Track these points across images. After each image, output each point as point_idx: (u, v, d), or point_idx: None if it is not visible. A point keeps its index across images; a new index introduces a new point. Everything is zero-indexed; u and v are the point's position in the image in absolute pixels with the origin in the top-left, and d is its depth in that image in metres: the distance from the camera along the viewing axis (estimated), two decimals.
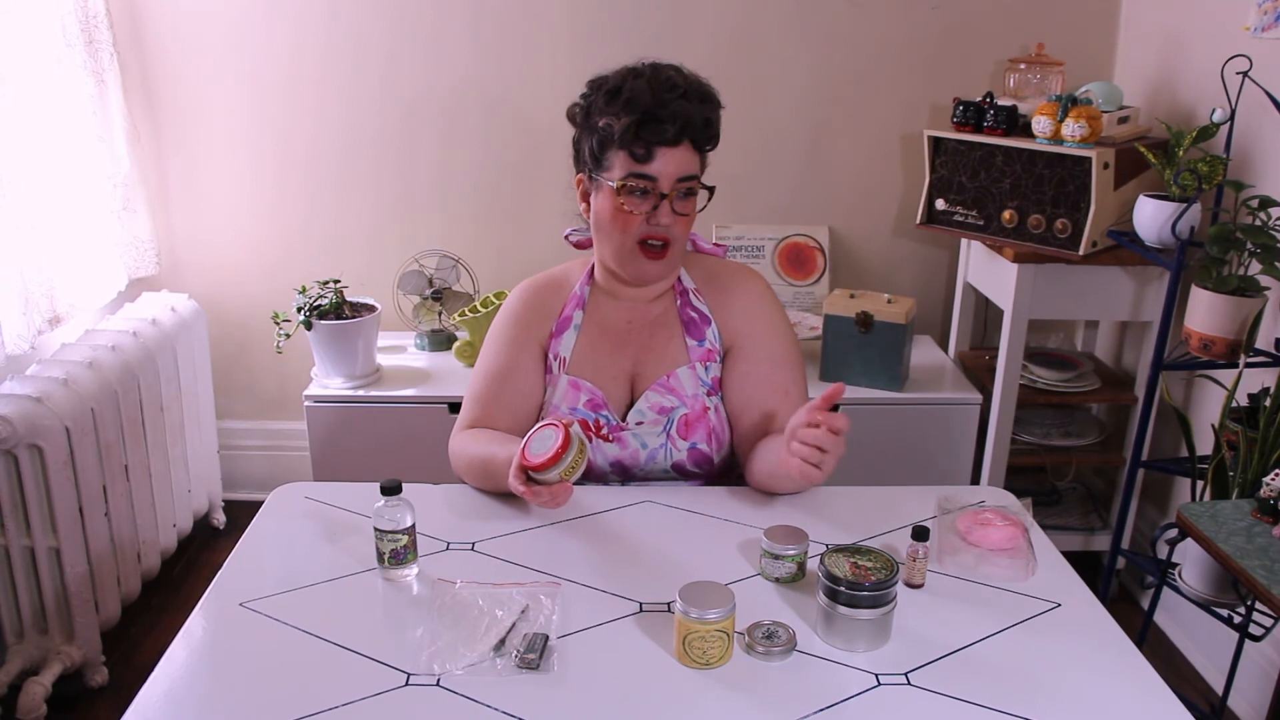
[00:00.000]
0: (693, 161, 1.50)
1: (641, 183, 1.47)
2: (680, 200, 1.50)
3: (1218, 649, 2.21)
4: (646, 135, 1.45)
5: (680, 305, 1.62)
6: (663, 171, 1.47)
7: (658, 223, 1.49)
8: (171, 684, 1.13)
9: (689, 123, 1.46)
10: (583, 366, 1.60)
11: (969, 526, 1.40)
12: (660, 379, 1.58)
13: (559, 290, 1.65)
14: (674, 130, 1.45)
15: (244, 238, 2.83)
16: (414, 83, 2.71)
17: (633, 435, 1.57)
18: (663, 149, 1.46)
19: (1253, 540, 1.48)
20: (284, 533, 1.45)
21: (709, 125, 1.51)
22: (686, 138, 1.48)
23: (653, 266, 1.53)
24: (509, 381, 1.60)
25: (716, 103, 1.53)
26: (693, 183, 1.50)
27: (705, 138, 1.51)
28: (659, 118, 1.45)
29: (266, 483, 2.58)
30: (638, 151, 1.46)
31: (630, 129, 1.45)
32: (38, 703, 1.99)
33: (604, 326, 1.62)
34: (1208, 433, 2.07)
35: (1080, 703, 1.11)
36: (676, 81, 1.49)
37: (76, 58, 2.34)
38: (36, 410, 1.94)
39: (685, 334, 1.60)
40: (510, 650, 1.16)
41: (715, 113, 1.52)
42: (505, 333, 1.63)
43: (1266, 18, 2.06)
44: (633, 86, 1.47)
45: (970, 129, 2.39)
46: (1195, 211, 2.05)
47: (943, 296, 2.92)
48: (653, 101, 1.45)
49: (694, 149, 1.50)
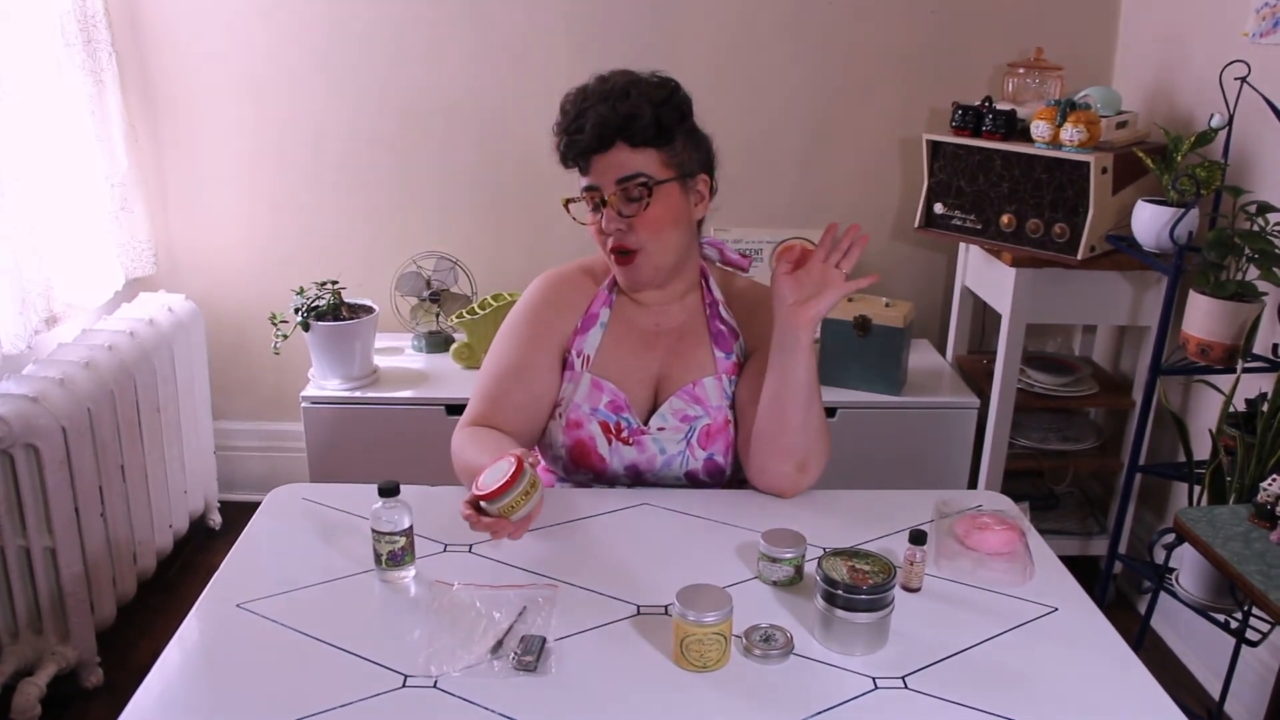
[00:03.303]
0: (634, 160, 1.45)
1: (591, 194, 1.49)
2: (625, 203, 1.47)
3: (1215, 654, 2.21)
4: (573, 148, 1.47)
5: (709, 316, 1.61)
6: (601, 178, 1.47)
7: (605, 231, 1.49)
8: (167, 685, 1.13)
9: (603, 123, 1.44)
10: (607, 367, 1.58)
11: (966, 530, 1.40)
12: (686, 386, 1.57)
13: (582, 285, 1.62)
14: (590, 135, 1.44)
15: (242, 238, 2.83)
16: (412, 83, 2.71)
17: (653, 440, 1.57)
18: (596, 157, 1.46)
19: (1250, 545, 1.48)
20: (281, 534, 1.44)
21: (631, 120, 1.44)
22: (615, 138, 1.45)
23: (625, 273, 1.53)
24: (520, 380, 1.57)
25: (649, 96, 1.46)
26: (633, 182, 1.46)
27: (635, 133, 1.44)
28: (580, 128, 1.46)
29: (263, 484, 2.57)
30: (581, 165, 1.49)
31: (560, 148, 1.49)
32: (32, 703, 1.99)
33: (630, 327, 1.60)
34: (1205, 438, 2.07)
35: (1077, 707, 1.11)
36: (599, 88, 1.47)
37: (75, 58, 2.34)
38: (33, 410, 1.93)
39: (713, 345, 1.59)
40: (507, 652, 1.16)
41: (640, 105, 1.44)
42: (521, 329, 1.59)
43: (1265, 24, 2.07)
44: (572, 103, 1.49)
45: (969, 133, 2.39)
46: (1193, 217, 2.06)
47: (941, 300, 2.92)
48: (575, 114, 1.47)
49: (633, 147, 1.45)
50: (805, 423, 1.47)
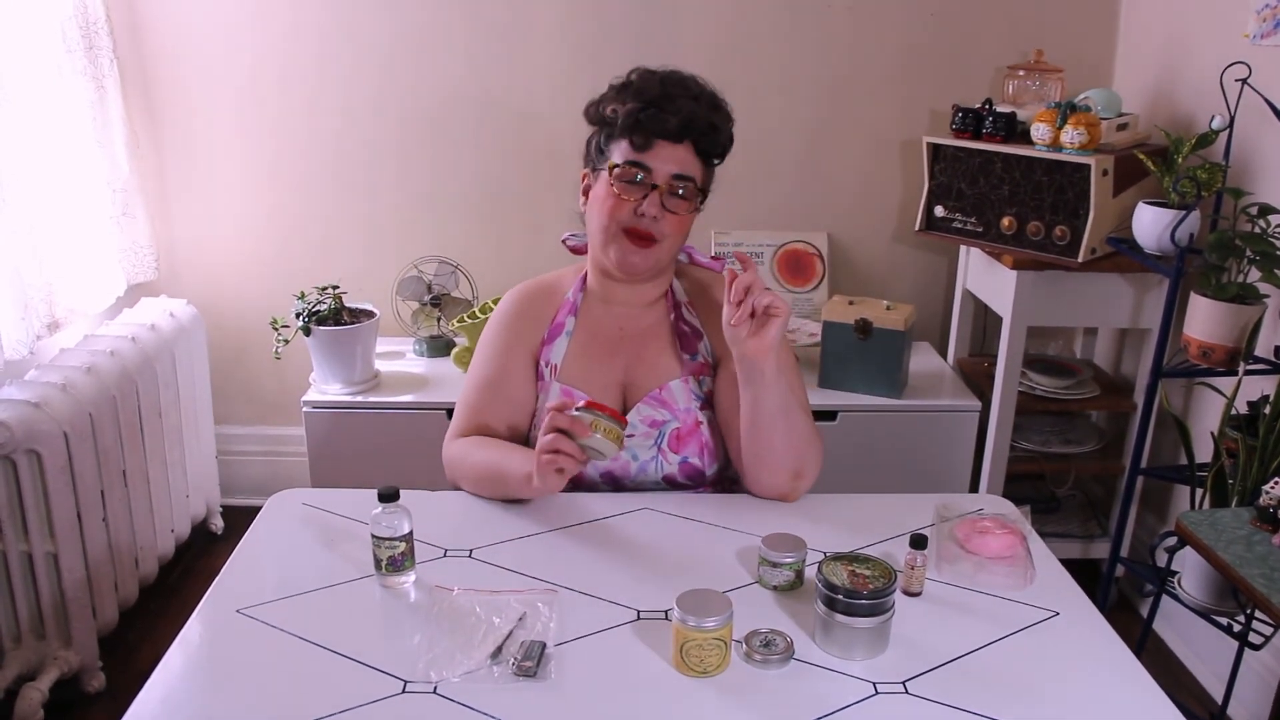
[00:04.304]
0: (693, 164, 1.50)
1: (636, 170, 1.48)
2: (672, 198, 1.49)
3: (1217, 657, 2.21)
4: (647, 122, 1.46)
5: (674, 318, 1.61)
6: (659, 164, 1.47)
7: (644, 213, 1.48)
8: (168, 690, 1.13)
9: (692, 120, 1.47)
10: (574, 374, 1.59)
11: (967, 534, 1.39)
12: (652, 391, 1.57)
13: (551, 296, 1.64)
14: (675, 123, 1.46)
15: (243, 243, 2.83)
16: (413, 88, 2.71)
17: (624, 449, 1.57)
18: (662, 142, 1.47)
19: (1252, 549, 1.48)
20: (282, 539, 1.44)
21: (714, 130, 1.50)
22: (689, 137, 1.48)
23: (634, 255, 1.51)
24: (500, 389, 1.59)
25: (726, 115, 1.53)
26: (688, 184, 1.49)
27: (709, 143, 1.50)
28: (662, 108, 1.46)
29: (264, 488, 2.58)
30: (637, 140, 1.47)
31: (632, 115, 1.47)
32: (34, 708, 1.99)
33: (596, 334, 1.61)
34: (1207, 440, 2.07)
35: (1079, 711, 1.11)
36: (689, 84, 1.50)
37: (76, 63, 2.34)
38: (35, 415, 1.93)
39: (678, 347, 1.60)
40: (507, 658, 1.16)
41: (724, 122, 1.52)
42: (496, 340, 1.62)
43: (1265, 25, 2.07)
44: (644, 78, 1.50)
45: (969, 135, 2.39)
46: (1194, 219, 2.05)
47: (942, 303, 2.92)
48: (660, 93, 1.47)
49: (696, 153, 1.50)
50: (789, 441, 1.49)
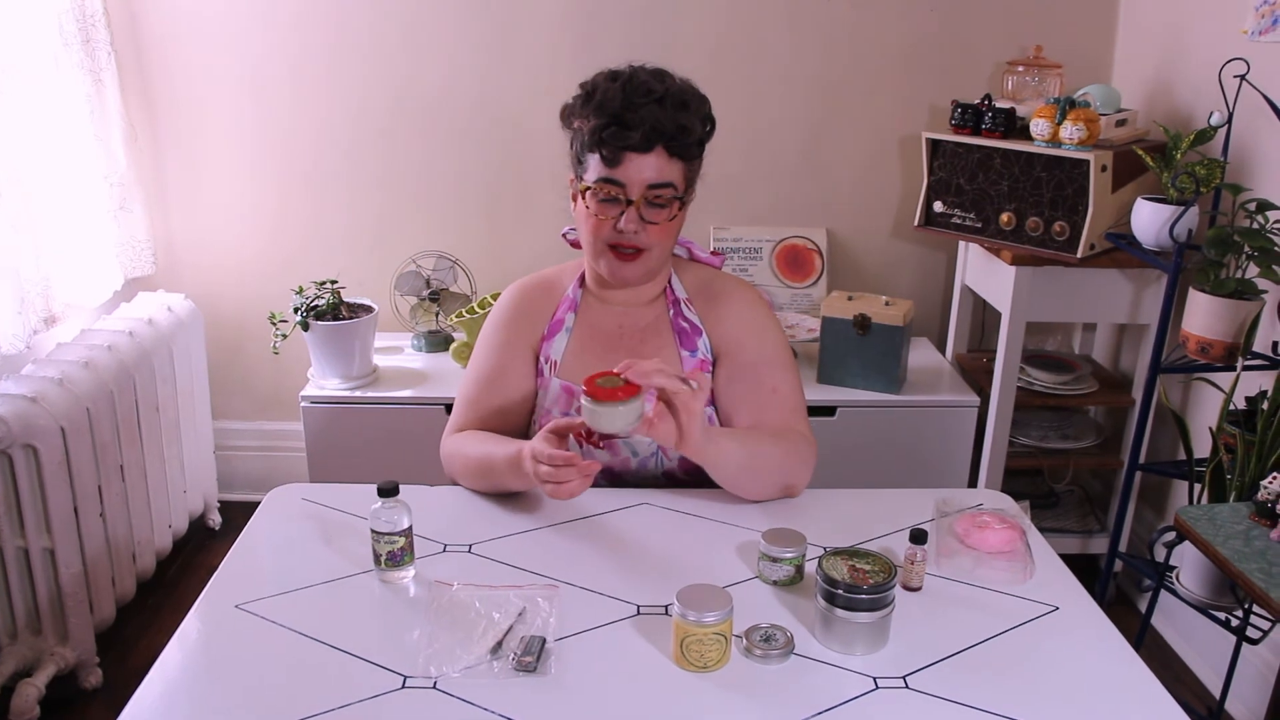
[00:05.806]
0: (667, 168, 1.46)
1: (609, 188, 1.45)
2: (650, 208, 1.46)
3: (1215, 652, 2.21)
4: (611, 139, 1.43)
5: (673, 315, 1.60)
6: (631, 178, 1.44)
7: (623, 229, 1.46)
8: (166, 686, 1.13)
9: (657, 127, 1.42)
10: (574, 370, 1.58)
11: (967, 529, 1.40)
12: None
13: (550, 292, 1.63)
14: (638, 136, 1.42)
15: (241, 238, 2.82)
16: (411, 83, 2.70)
17: (623, 443, 1.56)
18: (631, 155, 1.43)
19: (1250, 543, 1.48)
20: (280, 534, 1.44)
21: (683, 132, 1.45)
22: (659, 144, 1.44)
23: (623, 269, 1.51)
24: (499, 385, 1.59)
25: (699, 110, 1.49)
26: (664, 190, 1.46)
27: (679, 146, 1.46)
28: (625, 123, 1.42)
29: (262, 483, 2.58)
30: (605, 155, 1.44)
31: (597, 132, 1.44)
32: (31, 704, 1.98)
33: (595, 330, 1.60)
34: (1205, 436, 2.07)
35: (1078, 706, 1.11)
36: (652, 86, 1.45)
37: (74, 56, 2.33)
38: (32, 410, 1.93)
39: (678, 344, 1.59)
40: (507, 653, 1.16)
41: (693, 120, 1.47)
42: (495, 336, 1.62)
43: (1264, 21, 2.07)
44: (606, 89, 1.45)
45: (968, 131, 2.39)
46: (1193, 214, 2.05)
47: (941, 299, 2.92)
48: (622, 105, 1.43)
49: (670, 156, 1.46)
50: (764, 480, 1.49)
